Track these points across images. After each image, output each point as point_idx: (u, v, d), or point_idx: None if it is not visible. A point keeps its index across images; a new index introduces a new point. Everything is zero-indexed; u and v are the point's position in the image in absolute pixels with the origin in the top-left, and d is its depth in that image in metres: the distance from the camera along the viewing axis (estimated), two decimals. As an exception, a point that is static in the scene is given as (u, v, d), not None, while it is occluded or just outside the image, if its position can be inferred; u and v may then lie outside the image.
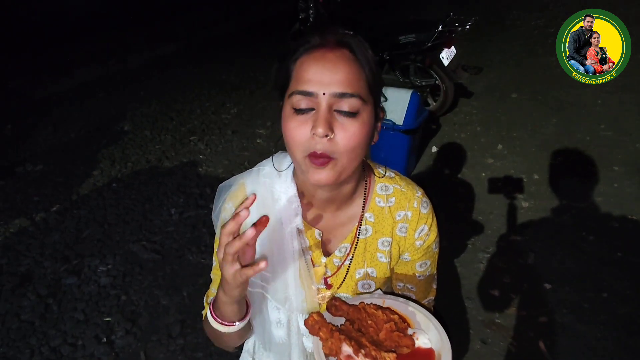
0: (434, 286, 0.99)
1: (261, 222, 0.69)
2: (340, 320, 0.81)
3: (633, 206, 2.79)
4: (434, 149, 3.75)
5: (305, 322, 0.76)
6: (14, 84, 5.72)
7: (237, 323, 0.82)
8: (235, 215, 0.68)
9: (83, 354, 2.18)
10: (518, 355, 2.03)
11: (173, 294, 2.51)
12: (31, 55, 6.56)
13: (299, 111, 0.72)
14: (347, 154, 0.72)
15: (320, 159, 0.71)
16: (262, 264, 0.67)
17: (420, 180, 0.97)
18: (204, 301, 1.00)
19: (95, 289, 2.55)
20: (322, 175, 0.73)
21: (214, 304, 0.83)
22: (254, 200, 0.71)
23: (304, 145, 0.72)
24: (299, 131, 0.72)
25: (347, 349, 0.71)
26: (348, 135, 0.71)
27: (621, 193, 2.93)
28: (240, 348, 1.11)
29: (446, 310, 2.40)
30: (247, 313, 0.83)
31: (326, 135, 0.69)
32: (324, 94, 0.70)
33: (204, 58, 6.72)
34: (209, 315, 0.84)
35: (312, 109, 0.71)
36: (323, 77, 0.70)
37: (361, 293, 0.91)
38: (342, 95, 0.70)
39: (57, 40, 6.84)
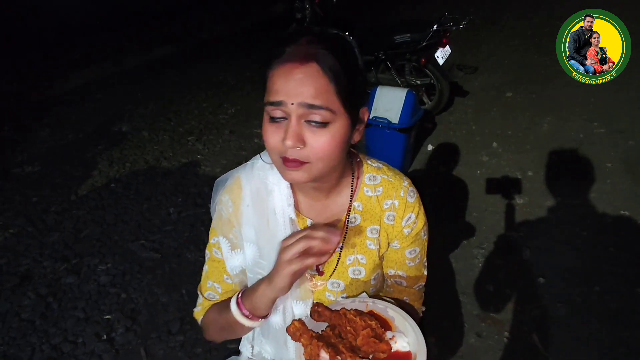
0: (425, 272, 1.03)
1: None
2: (322, 326, 0.84)
3: (625, 202, 2.83)
4: (430, 147, 3.79)
5: (287, 330, 0.80)
6: (10, 86, 5.72)
7: (262, 320, 0.86)
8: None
9: (84, 351, 2.20)
10: (512, 348, 2.06)
11: (172, 291, 2.53)
12: (28, 57, 6.56)
13: (272, 119, 0.77)
14: (320, 161, 0.77)
15: (293, 162, 0.76)
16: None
17: (416, 178, 1.01)
18: (201, 295, 1.03)
19: (94, 288, 2.58)
20: (296, 176, 0.78)
21: (244, 297, 0.86)
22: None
23: (277, 149, 0.77)
24: (273, 137, 0.77)
25: (324, 356, 0.75)
26: (320, 144, 0.75)
27: (614, 189, 2.97)
28: (237, 340, 1.15)
29: (442, 305, 2.43)
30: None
31: (296, 146, 0.74)
32: (292, 104, 0.73)
33: (201, 59, 6.73)
34: (234, 308, 0.86)
35: (285, 118, 0.75)
36: (290, 90, 0.73)
37: (349, 296, 0.94)
38: (310, 107, 0.73)
39: (53, 43, 6.84)
